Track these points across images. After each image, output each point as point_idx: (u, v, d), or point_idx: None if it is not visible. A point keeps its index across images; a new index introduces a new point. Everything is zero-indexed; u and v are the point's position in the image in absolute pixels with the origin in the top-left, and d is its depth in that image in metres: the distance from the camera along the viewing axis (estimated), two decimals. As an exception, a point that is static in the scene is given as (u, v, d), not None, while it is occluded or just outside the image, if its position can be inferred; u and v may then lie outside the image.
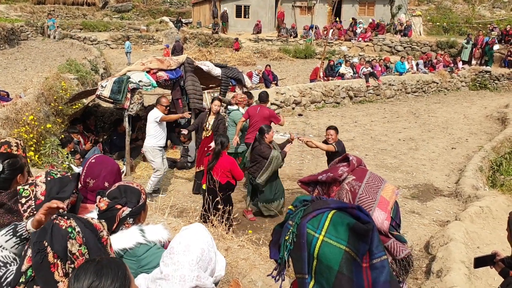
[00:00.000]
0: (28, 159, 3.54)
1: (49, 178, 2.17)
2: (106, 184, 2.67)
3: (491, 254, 2.89)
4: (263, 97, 8.77)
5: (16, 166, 2.71)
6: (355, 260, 1.32)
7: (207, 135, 8.15)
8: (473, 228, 6.65)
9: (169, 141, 10.59)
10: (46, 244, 1.68)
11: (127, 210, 2.18)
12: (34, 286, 1.68)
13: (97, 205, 2.20)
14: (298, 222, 1.42)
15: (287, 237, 1.43)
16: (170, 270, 1.85)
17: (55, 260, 1.68)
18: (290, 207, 1.50)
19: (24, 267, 1.68)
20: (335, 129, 7.26)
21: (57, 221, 1.74)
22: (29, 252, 1.70)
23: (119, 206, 2.17)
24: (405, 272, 1.91)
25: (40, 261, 1.66)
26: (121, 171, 8.51)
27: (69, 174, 2.24)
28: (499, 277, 2.85)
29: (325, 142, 7.28)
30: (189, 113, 8.87)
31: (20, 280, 1.68)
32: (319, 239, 1.35)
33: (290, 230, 1.42)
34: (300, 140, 7.27)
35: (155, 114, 7.76)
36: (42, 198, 2.10)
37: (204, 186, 6.62)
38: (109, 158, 2.82)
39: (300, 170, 9.65)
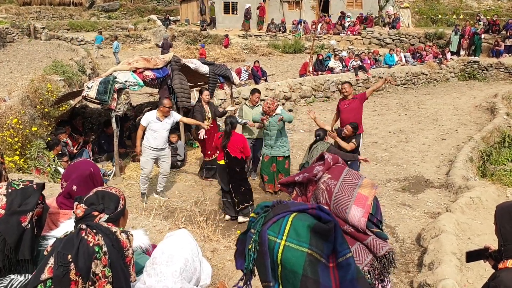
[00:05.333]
0: (6, 165, 3.46)
1: (10, 190, 2.06)
2: (74, 187, 2.60)
3: (483, 248, 2.86)
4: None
5: (-9, 174, 2.64)
6: (320, 261, 1.29)
7: (210, 124, 8.70)
8: (464, 219, 6.66)
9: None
10: (70, 258, 1.63)
11: (104, 217, 2.12)
12: None
13: (74, 212, 2.14)
14: (259, 229, 1.38)
15: (250, 246, 1.40)
16: (153, 282, 1.80)
17: (77, 278, 1.64)
18: (252, 214, 1.46)
19: (44, 276, 1.63)
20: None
21: (85, 236, 1.70)
22: (51, 261, 1.64)
23: (96, 213, 2.11)
24: (386, 269, 1.87)
25: (61, 276, 1.62)
26: (110, 172, 8.47)
27: (33, 184, 2.15)
28: (490, 268, 2.84)
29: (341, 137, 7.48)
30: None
31: None
32: (281, 245, 1.32)
33: (253, 239, 1.39)
34: (309, 114, 7.81)
35: (144, 117, 7.80)
36: (3, 212, 1.99)
37: (222, 162, 7.15)
38: (85, 162, 2.75)
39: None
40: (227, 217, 7.25)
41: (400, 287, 5.46)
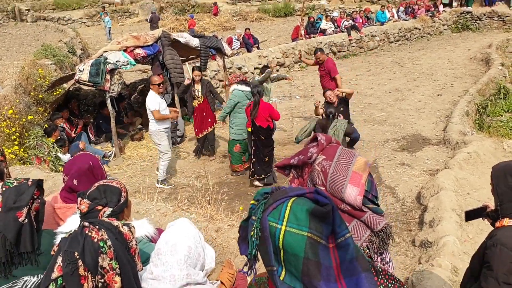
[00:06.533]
0: (7, 157, 3.50)
1: (4, 189, 2.14)
2: (75, 181, 2.65)
3: (481, 207, 2.94)
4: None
5: (-6, 173, 2.69)
6: (320, 243, 1.35)
7: (200, 102, 8.44)
8: (462, 174, 6.75)
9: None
10: (77, 255, 1.71)
11: (108, 211, 2.19)
12: None
13: (78, 207, 2.20)
14: (260, 216, 1.44)
15: (252, 233, 1.45)
16: (159, 271, 1.88)
17: (86, 273, 1.71)
18: (252, 201, 1.52)
19: (54, 275, 1.70)
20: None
21: (89, 232, 1.77)
22: (59, 260, 1.72)
23: (99, 207, 2.18)
24: (384, 243, 1.94)
25: (70, 272, 1.69)
26: (110, 153, 8.51)
27: (28, 180, 2.21)
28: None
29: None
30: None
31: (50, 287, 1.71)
32: (281, 230, 1.38)
33: (254, 226, 1.44)
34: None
35: (152, 102, 7.19)
36: None
37: (249, 129, 7.30)
38: (84, 156, 2.78)
39: (290, 135, 9.66)
40: (256, 182, 7.49)
41: (402, 246, 5.58)
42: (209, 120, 8.49)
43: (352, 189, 1.84)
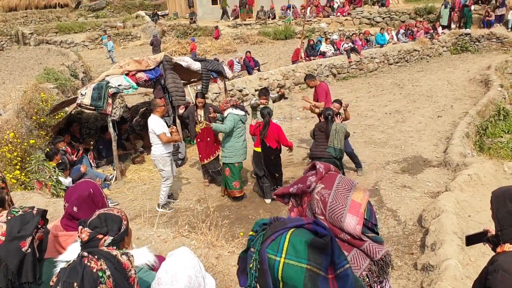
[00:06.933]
0: (8, 182, 3.52)
1: (9, 217, 2.15)
2: (75, 208, 2.66)
3: (482, 232, 2.93)
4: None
5: (-4, 201, 2.70)
6: (319, 274, 1.36)
7: (202, 127, 8.18)
8: (463, 197, 6.75)
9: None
10: (76, 286, 1.70)
11: (108, 239, 2.19)
12: None
13: (79, 236, 2.21)
14: (259, 248, 1.45)
15: (251, 265, 1.46)
16: None
17: None
18: (251, 233, 1.53)
19: None
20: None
21: (88, 263, 1.77)
22: None
23: (100, 236, 2.18)
24: (384, 271, 1.94)
25: None
26: (111, 176, 8.52)
27: (33, 210, 2.22)
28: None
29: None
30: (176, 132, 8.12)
31: None
32: (280, 262, 1.39)
33: (253, 258, 1.45)
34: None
35: (154, 124, 7.14)
36: (3, 238, 2.09)
37: (258, 149, 7.52)
38: (85, 183, 2.80)
39: (290, 156, 9.66)
40: (268, 200, 7.71)
41: (404, 269, 5.55)
42: (215, 144, 8.48)
43: (351, 218, 1.85)
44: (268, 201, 7.72)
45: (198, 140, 8.44)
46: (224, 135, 7.60)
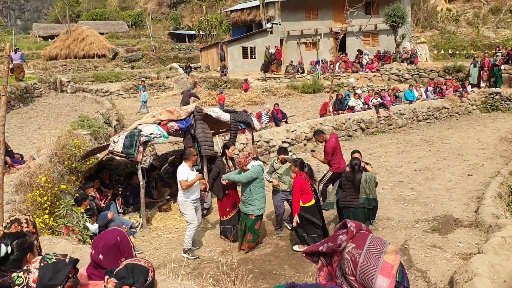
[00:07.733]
0: (38, 231, 3.56)
1: (42, 264, 2.18)
2: (101, 256, 2.66)
3: None
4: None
5: (25, 246, 2.75)
6: None
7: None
8: (497, 260, 6.46)
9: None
10: None
11: (134, 291, 2.18)
12: None
13: (105, 286, 2.20)
14: None
15: None
16: None
17: None
18: None
19: None
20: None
21: None
22: None
23: (126, 287, 2.17)
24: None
25: None
26: (137, 224, 8.56)
27: (66, 258, 2.24)
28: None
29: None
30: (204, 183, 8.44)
31: None
32: None
33: None
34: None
35: (182, 173, 7.42)
36: (34, 285, 2.10)
37: (312, 202, 7.45)
38: (112, 231, 2.81)
39: None
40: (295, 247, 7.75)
41: (435, 335, 5.28)
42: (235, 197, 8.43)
43: (382, 280, 1.79)
44: (296, 247, 7.78)
45: (227, 191, 8.22)
46: (253, 187, 7.53)
